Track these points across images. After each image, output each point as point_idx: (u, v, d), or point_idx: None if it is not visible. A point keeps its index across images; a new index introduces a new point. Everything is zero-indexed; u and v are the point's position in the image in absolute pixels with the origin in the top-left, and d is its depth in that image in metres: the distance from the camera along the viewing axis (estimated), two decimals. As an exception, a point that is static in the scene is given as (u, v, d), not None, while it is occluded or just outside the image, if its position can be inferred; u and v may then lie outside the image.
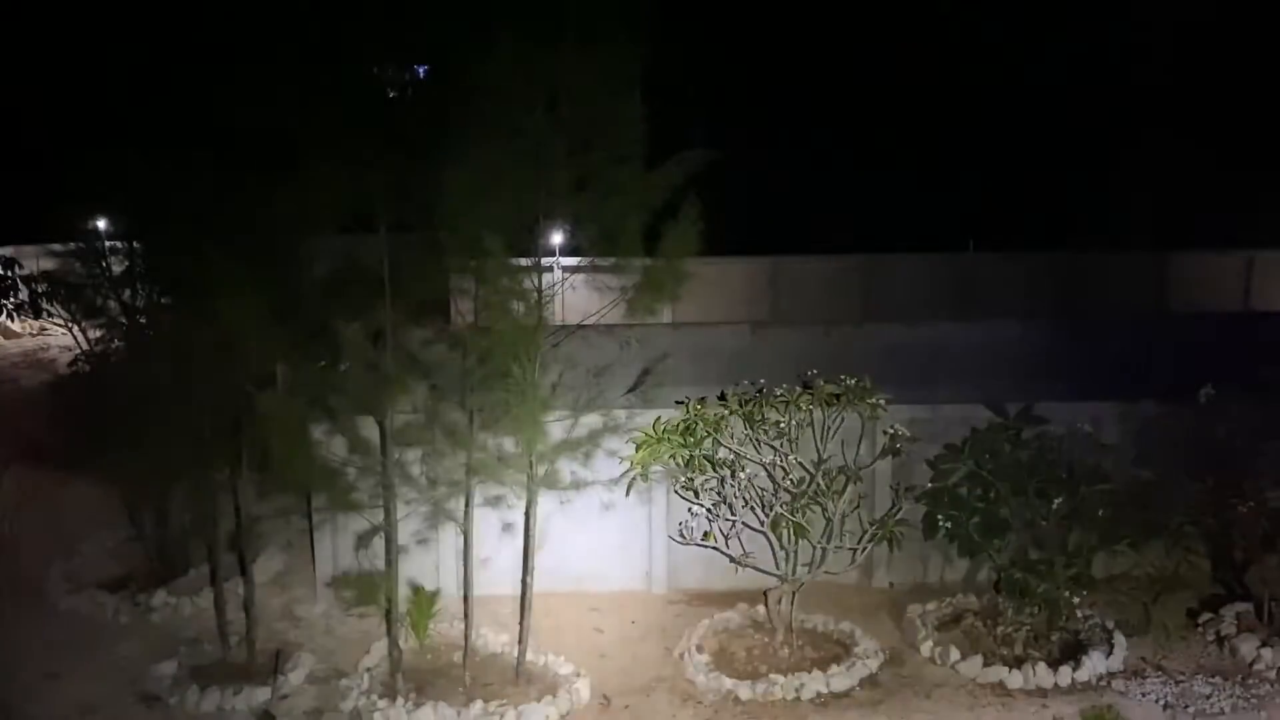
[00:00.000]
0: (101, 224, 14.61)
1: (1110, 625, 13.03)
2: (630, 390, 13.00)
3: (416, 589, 13.07)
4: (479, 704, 11.63)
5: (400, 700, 11.70)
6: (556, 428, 11.91)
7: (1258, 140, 30.44)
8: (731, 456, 12.73)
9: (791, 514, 12.56)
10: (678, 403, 13.20)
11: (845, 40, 35.85)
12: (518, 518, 12.25)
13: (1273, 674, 12.35)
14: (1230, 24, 30.94)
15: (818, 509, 12.65)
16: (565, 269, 13.32)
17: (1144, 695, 12.02)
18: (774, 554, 12.90)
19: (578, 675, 12.34)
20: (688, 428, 12.76)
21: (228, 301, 10.55)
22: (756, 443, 12.81)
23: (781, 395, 12.82)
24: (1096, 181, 32.37)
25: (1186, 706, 11.79)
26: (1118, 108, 32.69)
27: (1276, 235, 24.57)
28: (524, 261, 11.55)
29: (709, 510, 12.86)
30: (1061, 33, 33.88)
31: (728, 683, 12.20)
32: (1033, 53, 33.67)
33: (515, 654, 12.41)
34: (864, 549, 12.97)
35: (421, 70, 11.64)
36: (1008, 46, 33.67)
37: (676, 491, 13.26)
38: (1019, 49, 33.78)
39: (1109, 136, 32.69)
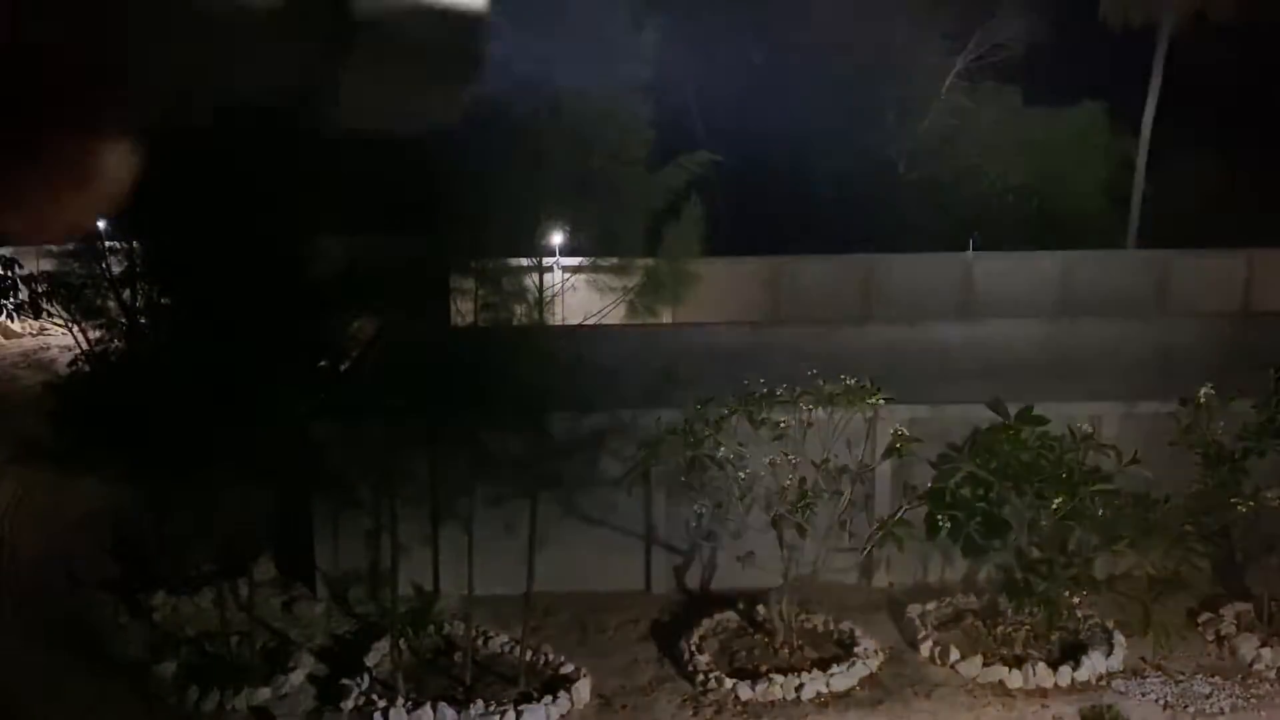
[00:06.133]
0: (101, 224, 14.58)
1: (1110, 625, 13.03)
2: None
3: (416, 589, 13.06)
4: (479, 704, 11.63)
5: (400, 700, 11.69)
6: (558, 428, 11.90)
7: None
8: (732, 456, 12.72)
9: (793, 514, 12.56)
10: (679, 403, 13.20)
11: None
12: (517, 518, 12.24)
13: (1273, 674, 12.36)
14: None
15: (819, 509, 12.65)
16: (566, 269, 13.32)
17: (1144, 695, 12.02)
18: (775, 554, 12.89)
19: (578, 675, 12.34)
20: (689, 427, 12.76)
21: (228, 302, 10.54)
22: (757, 442, 12.81)
23: (782, 395, 12.81)
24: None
25: (1186, 706, 11.80)
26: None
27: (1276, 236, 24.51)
28: (524, 262, 11.56)
29: (710, 510, 12.84)
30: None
31: (728, 682, 12.19)
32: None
33: (515, 654, 12.40)
34: (865, 549, 12.97)
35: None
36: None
37: (677, 491, 13.26)
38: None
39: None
